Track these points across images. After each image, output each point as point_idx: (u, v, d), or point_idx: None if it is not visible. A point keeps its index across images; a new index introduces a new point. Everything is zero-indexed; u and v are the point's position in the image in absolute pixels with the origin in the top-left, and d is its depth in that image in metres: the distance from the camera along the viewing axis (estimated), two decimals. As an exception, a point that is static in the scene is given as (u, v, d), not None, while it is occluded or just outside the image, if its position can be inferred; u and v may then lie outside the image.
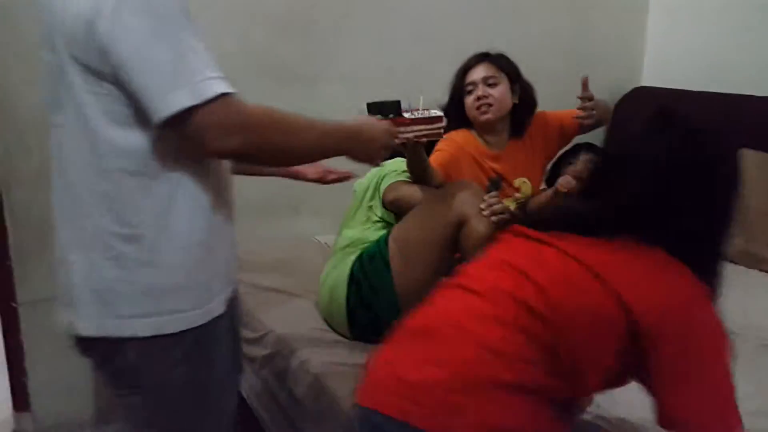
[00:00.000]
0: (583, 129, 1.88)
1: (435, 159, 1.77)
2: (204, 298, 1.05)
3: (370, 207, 1.77)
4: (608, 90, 2.82)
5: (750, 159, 2.17)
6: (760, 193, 2.10)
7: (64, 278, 1.04)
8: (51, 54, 0.96)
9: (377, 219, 1.74)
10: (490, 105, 1.80)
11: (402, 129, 1.32)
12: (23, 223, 1.84)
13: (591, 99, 1.79)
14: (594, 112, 1.80)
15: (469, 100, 1.83)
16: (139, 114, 0.93)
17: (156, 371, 1.04)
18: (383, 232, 1.67)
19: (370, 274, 1.60)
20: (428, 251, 1.55)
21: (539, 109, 1.93)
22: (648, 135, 1.02)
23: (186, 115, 0.89)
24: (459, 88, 1.87)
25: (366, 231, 1.72)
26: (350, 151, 1.17)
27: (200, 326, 1.05)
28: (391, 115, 1.30)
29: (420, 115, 1.38)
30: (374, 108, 1.28)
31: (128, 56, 0.88)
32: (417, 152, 1.57)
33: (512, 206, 1.88)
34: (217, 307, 1.08)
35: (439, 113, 1.47)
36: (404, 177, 1.71)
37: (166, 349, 1.03)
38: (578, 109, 1.81)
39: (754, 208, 2.10)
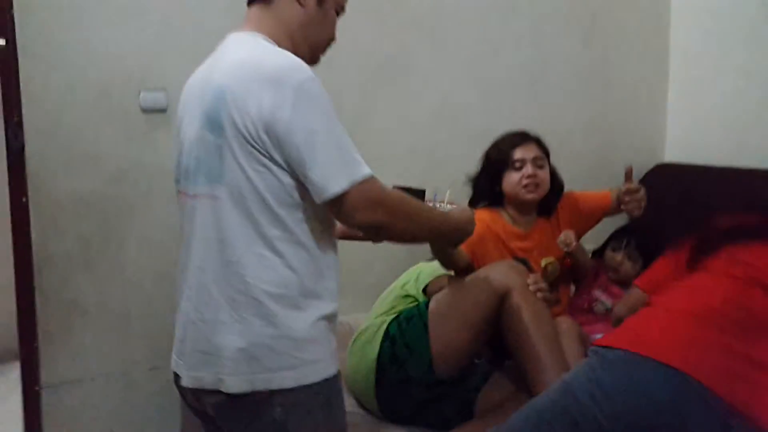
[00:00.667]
0: (631, 218, 1.88)
1: None
2: (333, 349, 1.20)
3: (404, 287, 1.82)
4: (632, 166, 2.85)
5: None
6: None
7: (205, 339, 1.16)
8: (213, 136, 1.12)
9: (411, 297, 1.78)
10: (537, 185, 1.83)
11: None
12: (52, 305, 1.86)
13: (638, 190, 1.80)
14: (643, 203, 1.80)
15: (516, 176, 1.84)
16: (299, 191, 1.12)
17: (301, 422, 1.14)
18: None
19: (407, 333, 1.63)
20: (469, 319, 1.59)
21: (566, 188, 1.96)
22: None
23: (344, 194, 1.07)
24: (502, 162, 1.88)
25: (400, 305, 1.77)
26: (446, 239, 1.39)
27: (334, 375, 1.19)
28: None
29: (440, 207, 1.40)
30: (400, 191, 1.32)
31: (303, 147, 1.07)
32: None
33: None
34: (336, 363, 1.21)
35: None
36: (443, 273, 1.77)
37: (310, 398, 1.15)
38: (626, 198, 1.80)
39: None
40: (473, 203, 1.93)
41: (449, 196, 1.44)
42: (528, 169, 1.83)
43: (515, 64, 2.54)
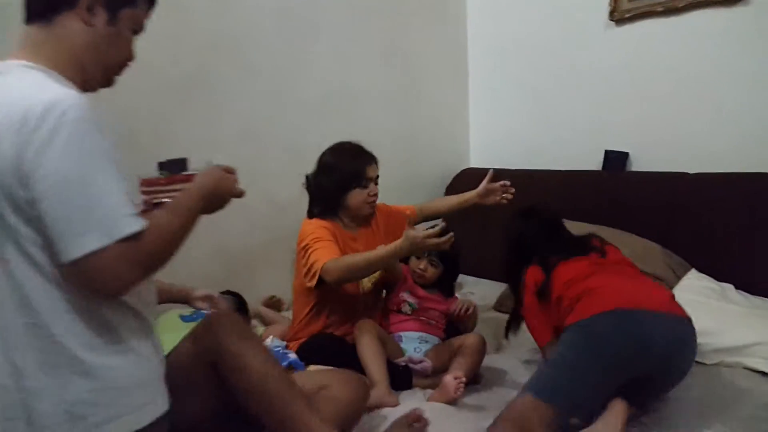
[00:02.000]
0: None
1: (327, 248, 1.83)
2: (160, 389, 1.13)
3: None
4: (440, 172, 3.11)
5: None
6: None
7: (20, 407, 1.02)
8: None
9: None
10: (375, 201, 1.99)
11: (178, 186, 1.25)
12: None
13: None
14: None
15: (363, 193, 1.94)
16: None
17: None
18: None
19: None
20: None
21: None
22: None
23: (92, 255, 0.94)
24: (354, 179, 1.94)
25: None
26: (207, 211, 1.20)
27: (167, 413, 1.11)
28: (165, 172, 1.27)
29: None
30: (165, 166, 1.29)
31: (48, 196, 0.94)
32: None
33: (368, 285, 1.99)
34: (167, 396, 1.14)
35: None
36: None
37: None
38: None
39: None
40: (312, 210, 1.98)
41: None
42: (374, 188, 1.96)
43: (321, 81, 2.63)
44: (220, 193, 1.20)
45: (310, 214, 1.98)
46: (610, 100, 2.63)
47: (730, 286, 2.02)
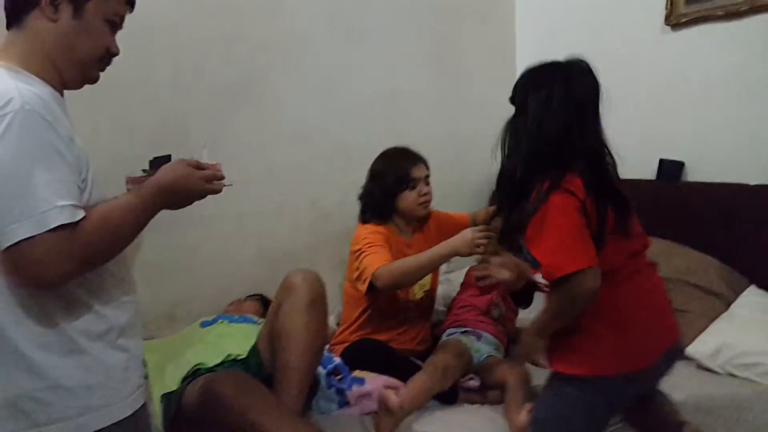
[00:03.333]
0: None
1: (379, 253, 1.82)
2: (129, 388, 1.11)
3: None
4: (487, 178, 3.05)
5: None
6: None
7: None
8: None
9: None
10: (429, 202, 1.98)
11: None
12: None
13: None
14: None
15: (413, 194, 1.96)
16: None
17: None
18: None
19: None
20: None
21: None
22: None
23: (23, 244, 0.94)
24: (400, 182, 1.95)
25: None
26: (169, 208, 1.16)
27: (128, 417, 1.09)
28: (150, 171, 1.24)
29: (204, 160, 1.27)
30: (155, 163, 1.27)
31: None
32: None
33: (420, 293, 1.98)
34: (134, 403, 1.12)
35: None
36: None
37: None
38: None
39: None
40: (366, 218, 1.99)
41: (207, 155, 1.28)
42: (423, 186, 1.96)
43: (368, 85, 2.63)
44: (180, 190, 1.14)
45: (364, 220, 1.97)
46: (665, 108, 2.54)
47: (791, 305, 1.92)
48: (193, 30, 2.18)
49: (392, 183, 1.96)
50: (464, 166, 3.00)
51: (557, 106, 1.28)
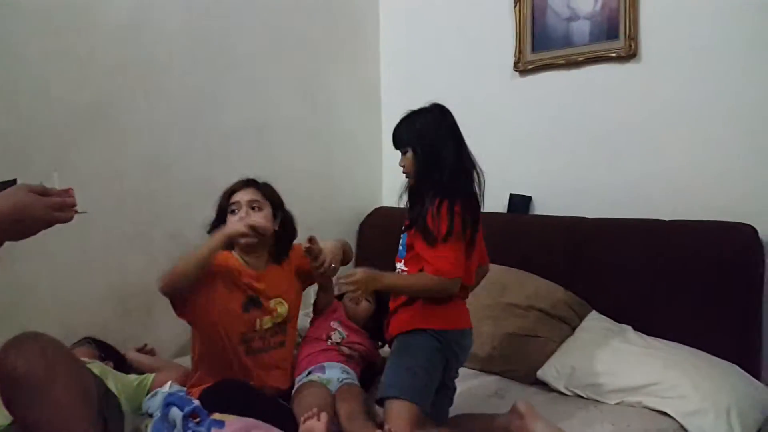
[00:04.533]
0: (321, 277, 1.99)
1: None
2: None
3: None
4: (354, 210, 3.10)
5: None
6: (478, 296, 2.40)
7: None
8: None
9: None
10: (253, 233, 1.81)
11: None
12: None
13: (318, 253, 1.86)
14: (325, 264, 1.88)
15: (233, 219, 1.84)
16: None
17: None
18: None
19: None
20: None
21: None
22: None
23: None
24: (224, 208, 1.89)
25: None
26: (9, 239, 1.08)
27: None
28: None
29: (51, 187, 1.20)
30: None
31: None
32: None
33: (268, 324, 1.90)
34: None
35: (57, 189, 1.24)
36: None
37: None
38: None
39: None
40: None
41: (57, 180, 1.22)
42: (242, 211, 1.84)
43: (236, 115, 2.57)
44: (22, 219, 1.06)
45: None
46: (515, 146, 2.73)
47: (628, 327, 2.10)
48: (36, 48, 2.01)
49: (219, 208, 1.90)
50: (333, 198, 3.02)
51: (447, 137, 1.71)
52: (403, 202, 1.78)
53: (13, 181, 1.19)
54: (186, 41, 2.41)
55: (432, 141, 1.69)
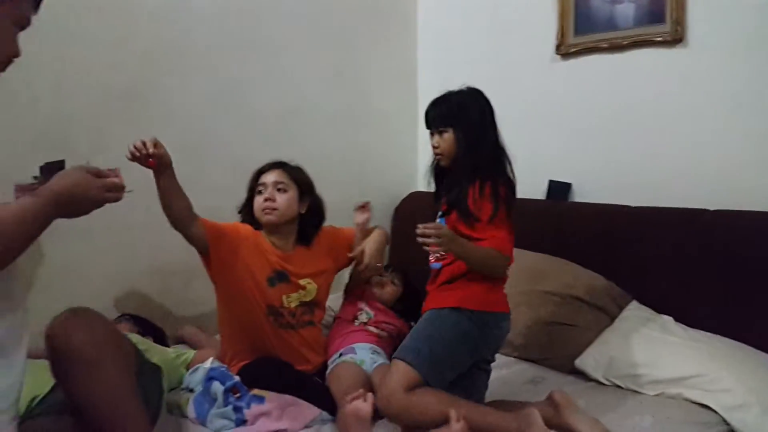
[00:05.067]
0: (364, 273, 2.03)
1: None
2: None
3: None
4: (389, 195, 3.09)
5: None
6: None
7: None
8: None
9: None
10: (274, 209, 1.86)
11: None
12: None
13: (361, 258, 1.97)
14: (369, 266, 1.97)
15: (259, 200, 1.90)
16: None
17: None
18: None
19: None
20: None
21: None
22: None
23: None
24: (252, 188, 1.94)
25: None
26: (65, 216, 1.13)
27: None
28: (40, 177, 1.19)
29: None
30: (46, 170, 1.21)
31: None
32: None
33: (295, 302, 1.90)
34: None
35: (107, 169, 1.27)
36: None
37: None
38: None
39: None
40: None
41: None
42: (267, 192, 1.88)
43: (269, 98, 2.57)
44: (78, 198, 1.12)
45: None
46: (555, 132, 2.68)
47: (669, 318, 2.06)
48: (79, 29, 2.03)
49: (249, 190, 1.95)
50: (366, 180, 3.01)
51: (489, 118, 1.70)
52: (430, 185, 1.77)
53: (61, 162, 1.22)
54: (220, 23, 2.41)
55: (474, 121, 1.66)
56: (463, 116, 1.67)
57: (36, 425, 1.24)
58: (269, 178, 1.91)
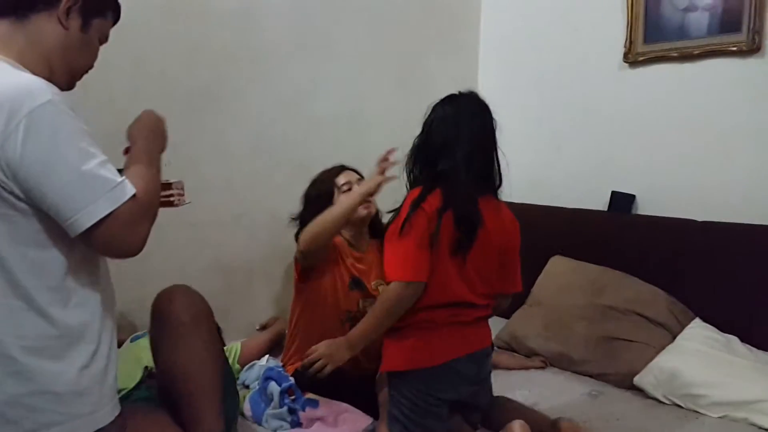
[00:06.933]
0: None
1: None
2: (108, 394, 1.12)
3: None
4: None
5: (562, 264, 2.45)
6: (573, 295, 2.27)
7: None
8: None
9: None
10: (369, 202, 1.89)
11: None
12: None
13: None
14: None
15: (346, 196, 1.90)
16: (47, 233, 1.03)
17: None
18: None
19: None
20: None
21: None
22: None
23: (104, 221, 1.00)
24: (328, 192, 1.95)
25: None
26: (160, 149, 1.29)
27: (111, 422, 1.10)
28: None
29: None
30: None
31: (41, 182, 0.98)
32: None
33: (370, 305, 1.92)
34: (115, 409, 1.13)
35: (172, 181, 1.43)
36: None
37: None
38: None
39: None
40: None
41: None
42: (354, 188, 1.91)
43: (334, 102, 2.61)
44: (159, 130, 1.31)
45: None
46: (619, 141, 2.63)
47: (735, 338, 1.99)
48: (156, 33, 2.12)
49: (320, 195, 1.94)
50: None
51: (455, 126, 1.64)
52: None
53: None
54: (290, 28, 2.47)
55: (434, 125, 1.61)
56: (426, 120, 1.69)
57: (135, 409, 1.31)
58: (350, 177, 1.96)
